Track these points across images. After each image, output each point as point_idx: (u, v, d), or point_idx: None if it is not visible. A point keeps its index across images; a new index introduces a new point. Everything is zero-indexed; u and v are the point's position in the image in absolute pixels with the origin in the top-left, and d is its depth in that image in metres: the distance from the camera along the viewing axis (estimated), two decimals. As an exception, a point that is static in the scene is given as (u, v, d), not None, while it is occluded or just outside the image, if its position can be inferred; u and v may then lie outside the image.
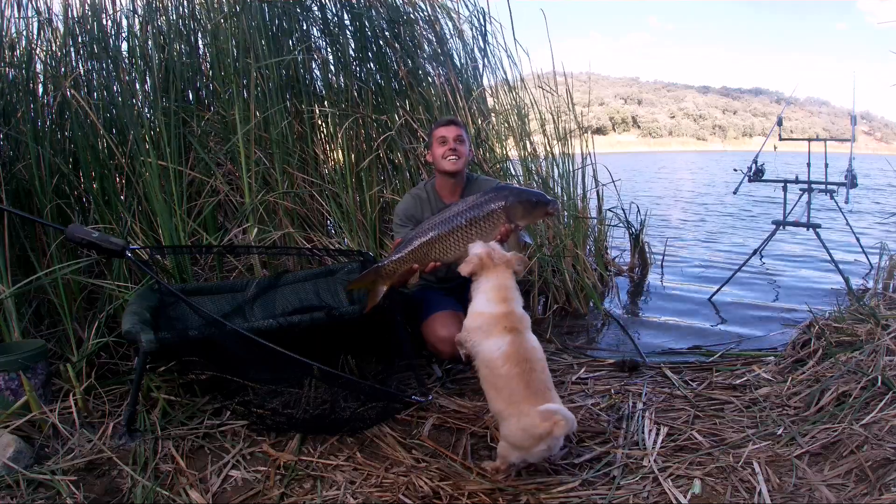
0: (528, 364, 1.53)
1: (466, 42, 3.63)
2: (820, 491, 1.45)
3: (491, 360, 1.56)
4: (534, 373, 1.53)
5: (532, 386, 1.50)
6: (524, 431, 1.45)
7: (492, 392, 1.57)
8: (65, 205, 2.48)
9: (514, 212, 1.72)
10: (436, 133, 2.19)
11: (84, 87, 2.72)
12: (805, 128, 68.34)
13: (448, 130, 2.16)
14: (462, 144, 2.15)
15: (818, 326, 2.44)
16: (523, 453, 1.49)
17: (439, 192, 2.24)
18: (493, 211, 1.73)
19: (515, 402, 1.49)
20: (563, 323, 3.15)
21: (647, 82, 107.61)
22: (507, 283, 1.66)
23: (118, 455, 1.65)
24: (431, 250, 1.77)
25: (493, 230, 1.74)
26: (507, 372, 1.52)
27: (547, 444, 1.44)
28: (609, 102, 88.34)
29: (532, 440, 1.44)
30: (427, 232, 1.79)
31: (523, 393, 1.49)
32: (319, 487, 1.53)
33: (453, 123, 2.20)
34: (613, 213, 4.10)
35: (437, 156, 2.17)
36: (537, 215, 1.78)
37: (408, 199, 2.26)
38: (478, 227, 1.73)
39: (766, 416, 1.88)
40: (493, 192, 1.78)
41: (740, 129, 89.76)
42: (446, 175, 2.18)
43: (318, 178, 3.06)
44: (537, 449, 1.45)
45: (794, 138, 4.01)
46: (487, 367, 1.58)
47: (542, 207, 1.76)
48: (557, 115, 3.74)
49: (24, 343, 2.00)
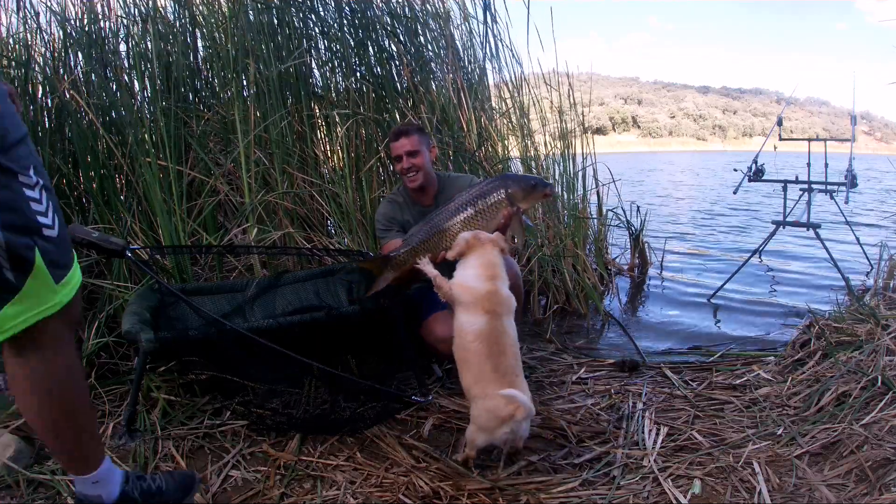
0: (499, 347, 1.57)
1: (473, 37, 3.64)
2: (820, 491, 1.45)
3: (464, 333, 1.61)
4: (503, 356, 1.56)
5: (500, 369, 1.54)
6: (489, 413, 1.50)
7: (461, 364, 1.61)
8: (65, 205, 2.48)
9: (515, 195, 1.82)
10: (391, 148, 2.19)
11: (83, 88, 2.71)
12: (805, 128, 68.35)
13: (400, 145, 2.15)
14: (417, 157, 2.14)
15: (818, 326, 2.44)
16: (488, 436, 1.52)
17: (413, 196, 2.26)
18: (496, 197, 1.83)
19: (482, 383, 1.53)
20: (563, 323, 3.15)
21: (647, 82, 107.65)
22: (495, 259, 1.70)
23: (118, 455, 1.65)
24: (441, 241, 1.84)
25: (497, 215, 1.83)
26: (476, 349, 1.56)
27: (510, 427, 1.47)
28: (609, 102, 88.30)
29: (496, 422, 1.48)
30: (436, 224, 1.86)
31: (491, 375, 1.53)
32: (319, 487, 1.53)
33: (403, 135, 2.16)
34: (614, 212, 4.10)
35: (399, 172, 2.19)
36: (536, 197, 1.89)
37: (386, 205, 2.29)
38: (483, 214, 1.83)
39: (766, 416, 1.88)
40: (494, 181, 1.89)
41: (740, 129, 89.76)
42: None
43: (317, 178, 3.06)
44: (501, 431, 1.49)
45: (794, 138, 4.01)
46: (460, 337, 1.62)
47: (540, 189, 1.87)
48: (559, 113, 3.75)
49: (23, 343, 2.00)
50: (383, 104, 3.28)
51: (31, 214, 0.99)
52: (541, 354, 2.61)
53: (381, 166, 3.23)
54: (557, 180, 3.68)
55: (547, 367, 2.46)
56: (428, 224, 1.90)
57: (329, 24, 3.36)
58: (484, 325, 1.58)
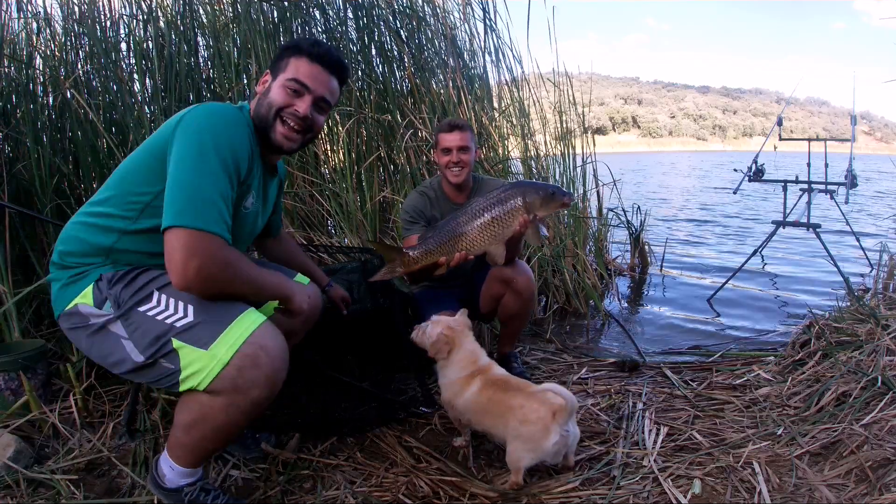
0: (503, 382, 1.62)
1: (473, 36, 3.64)
2: (820, 491, 1.45)
3: (471, 403, 1.63)
4: (509, 381, 1.62)
5: (514, 385, 1.59)
6: (528, 421, 1.49)
7: (489, 421, 1.60)
8: (65, 205, 2.47)
9: (533, 204, 1.77)
10: (440, 139, 2.16)
11: (84, 88, 2.71)
12: (805, 128, 68.35)
13: (452, 139, 2.12)
14: (466, 153, 2.13)
15: (818, 326, 2.44)
16: (535, 449, 1.49)
17: (446, 191, 2.23)
18: (514, 205, 1.78)
19: (508, 410, 1.53)
20: (563, 323, 3.15)
21: (646, 82, 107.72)
22: (474, 347, 1.74)
23: (118, 455, 1.65)
24: (456, 245, 1.82)
25: (513, 222, 1.78)
26: (489, 397, 1.59)
27: (558, 431, 1.47)
28: (609, 102, 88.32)
29: (540, 429, 1.47)
30: (453, 229, 1.82)
31: (513, 392, 1.56)
32: (319, 487, 1.53)
33: (458, 129, 2.14)
34: (614, 212, 4.10)
35: (442, 164, 2.16)
36: (554, 206, 1.83)
37: (416, 196, 2.25)
38: (500, 222, 1.78)
39: (766, 416, 1.88)
40: (512, 188, 1.83)
41: (740, 129, 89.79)
42: (451, 184, 2.18)
43: (318, 177, 3.06)
44: (550, 441, 1.47)
45: (794, 138, 4.01)
46: (470, 412, 1.64)
47: (559, 199, 1.81)
48: (559, 113, 3.75)
49: (24, 343, 2.00)
50: (384, 103, 3.28)
51: (160, 324, 1.18)
52: (541, 354, 2.61)
53: (381, 166, 3.23)
54: (558, 180, 3.68)
55: (547, 366, 2.46)
56: (445, 227, 1.85)
57: (331, 23, 3.36)
58: (480, 382, 1.63)
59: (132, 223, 1.25)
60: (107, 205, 1.26)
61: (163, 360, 1.18)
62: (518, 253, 2.13)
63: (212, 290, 1.17)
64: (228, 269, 1.17)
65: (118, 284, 1.23)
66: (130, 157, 1.30)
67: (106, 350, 1.24)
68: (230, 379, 1.15)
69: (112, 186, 1.28)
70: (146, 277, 1.24)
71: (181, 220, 1.11)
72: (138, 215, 1.24)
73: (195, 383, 1.16)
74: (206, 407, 1.19)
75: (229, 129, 1.22)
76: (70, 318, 1.26)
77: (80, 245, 1.27)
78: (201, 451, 1.29)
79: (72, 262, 1.27)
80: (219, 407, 1.19)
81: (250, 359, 1.16)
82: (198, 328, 1.17)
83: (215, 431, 1.23)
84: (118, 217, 1.25)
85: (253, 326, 1.18)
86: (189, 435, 1.25)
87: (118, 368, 1.23)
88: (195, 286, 1.15)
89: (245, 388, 1.16)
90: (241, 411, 1.20)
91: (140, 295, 1.22)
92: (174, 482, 1.32)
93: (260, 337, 1.17)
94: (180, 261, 1.11)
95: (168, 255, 1.12)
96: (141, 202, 1.24)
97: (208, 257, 1.13)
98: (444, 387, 1.72)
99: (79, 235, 1.27)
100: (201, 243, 1.12)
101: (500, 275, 2.11)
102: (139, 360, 1.19)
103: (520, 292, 2.11)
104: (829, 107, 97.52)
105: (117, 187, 1.27)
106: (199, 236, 1.12)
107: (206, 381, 1.15)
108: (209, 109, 1.24)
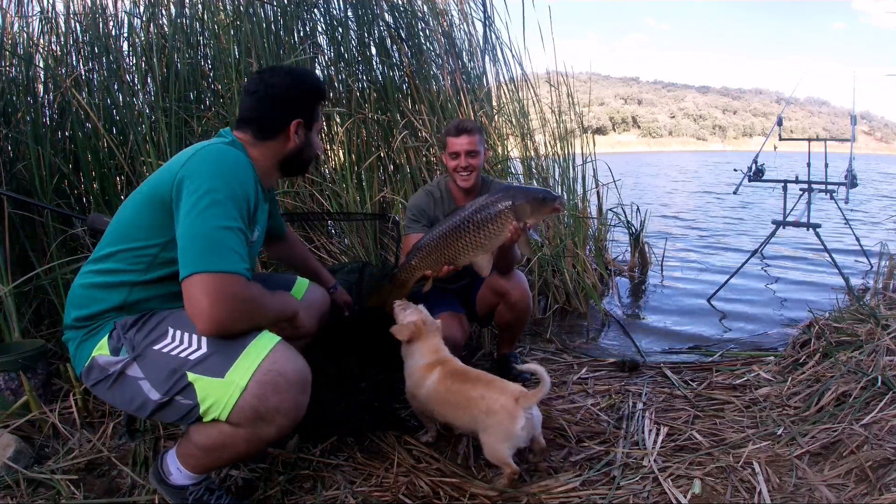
0: (461, 373, 1.64)
1: (472, 36, 3.64)
2: (820, 491, 1.45)
3: (432, 392, 1.64)
4: (468, 372, 1.64)
5: (473, 376, 1.61)
6: (492, 412, 1.50)
7: (451, 412, 1.61)
8: (65, 205, 2.47)
9: (522, 211, 1.68)
10: (448, 143, 2.09)
11: (85, 87, 2.71)
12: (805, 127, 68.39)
13: (460, 143, 2.05)
14: (475, 157, 2.07)
15: (818, 326, 2.44)
16: (508, 437, 1.50)
17: (453, 193, 2.19)
18: (501, 212, 1.70)
19: (468, 401, 1.55)
20: (563, 323, 3.15)
21: (646, 82, 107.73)
22: (438, 343, 1.74)
23: (118, 455, 1.65)
24: (442, 256, 1.75)
25: (502, 231, 1.71)
26: (448, 387, 1.60)
27: (523, 417, 1.48)
28: (609, 102, 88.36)
29: (507, 417, 1.48)
30: (437, 238, 1.76)
31: (474, 383, 1.57)
32: (319, 487, 1.53)
33: (466, 132, 2.06)
34: (614, 212, 4.10)
35: (450, 168, 2.11)
36: (545, 212, 1.73)
37: (421, 196, 2.20)
38: (487, 229, 1.70)
39: (766, 416, 1.88)
40: (499, 194, 1.74)
41: (740, 128, 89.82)
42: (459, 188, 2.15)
43: (318, 177, 3.06)
44: (517, 427, 1.48)
45: (794, 138, 4.01)
46: (431, 402, 1.65)
47: (549, 203, 1.71)
48: (559, 113, 3.75)
49: (24, 343, 2.00)
50: (384, 103, 3.28)
51: (174, 359, 1.17)
52: (541, 354, 2.61)
53: (381, 166, 3.23)
54: (557, 180, 3.68)
55: (547, 366, 2.46)
56: (429, 237, 1.80)
57: (332, 23, 3.36)
58: (440, 372, 1.64)
59: (142, 275, 1.23)
60: (112, 260, 1.24)
61: (179, 396, 1.16)
62: (515, 262, 2.06)
63: (240, 329, 1.16)
64: (254, 305, 1.17)
65: (132, 329, 1.21)
66: (129, 205, 1.26)
67: (128, 396, 1.21)
68: (252, 409, 1.13)
69: (115, 241, 1.25)
70: (159, 317, 1.23)
71: (202, 266, 1.09)
72: (147, 268, 1.22)
73: (216, 414, 1.14)
74: (228, 436, 1.18)
75: (238, 172, 1.21)
76: (90, 372, 1.24)
77: (92, 306, 1.24)
78: (215, 466, 1.30)
79: (86, 323, 1.25)
80: (241, 437, 1.17)
81: (271, 386, 1.14)
82: (212, 358, 1.16)
83: (234, 457, 1.24)
84: (127, 272, 1.23)
85: (269, 346, 1.17)
86: (208, 456, 1.25)
87: (143, 412, 1.21)
88: (224, 327, 1.13)
89: (269, 417, 1.15)
90: (264, 441, 1.20)
91: (155, 334, 1.20)
92: (179, 481, 1.32)
93: (278, 362, 1.16)
94: (207, 306, 1.09)
95: (192, 303, 1.10)
96: (149, 255, 1.22)
97: (235, 298, 1.12)
98: (407, 376, 1.72)
99: (90, 296, 1.25)
100: (226, 285, 1.11)
101: (496, 285, 2.08)
102: (157, 399, 1.18)
103: (513, 305, 2.08)
104: (829, 107, 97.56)
105: (121, 242, 1.24)
106: (222, 279, 1.10)
107: (227, 410, 1.13)
108: (213, 154, 1.22)
